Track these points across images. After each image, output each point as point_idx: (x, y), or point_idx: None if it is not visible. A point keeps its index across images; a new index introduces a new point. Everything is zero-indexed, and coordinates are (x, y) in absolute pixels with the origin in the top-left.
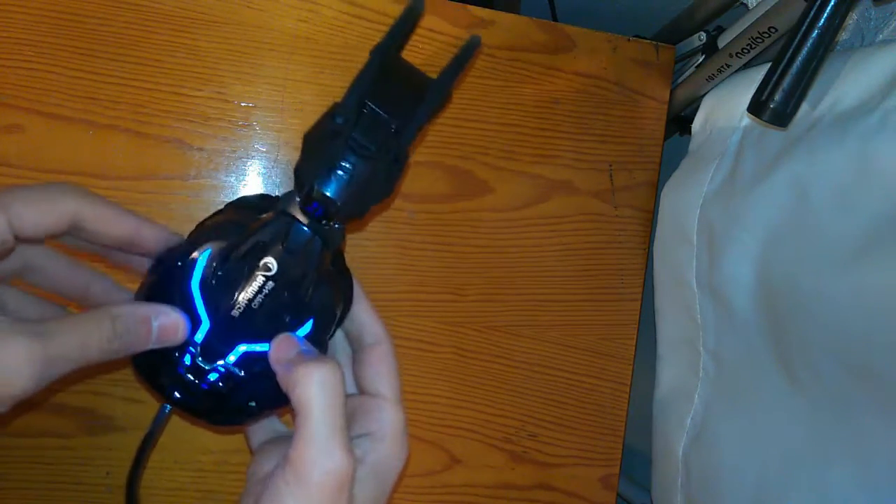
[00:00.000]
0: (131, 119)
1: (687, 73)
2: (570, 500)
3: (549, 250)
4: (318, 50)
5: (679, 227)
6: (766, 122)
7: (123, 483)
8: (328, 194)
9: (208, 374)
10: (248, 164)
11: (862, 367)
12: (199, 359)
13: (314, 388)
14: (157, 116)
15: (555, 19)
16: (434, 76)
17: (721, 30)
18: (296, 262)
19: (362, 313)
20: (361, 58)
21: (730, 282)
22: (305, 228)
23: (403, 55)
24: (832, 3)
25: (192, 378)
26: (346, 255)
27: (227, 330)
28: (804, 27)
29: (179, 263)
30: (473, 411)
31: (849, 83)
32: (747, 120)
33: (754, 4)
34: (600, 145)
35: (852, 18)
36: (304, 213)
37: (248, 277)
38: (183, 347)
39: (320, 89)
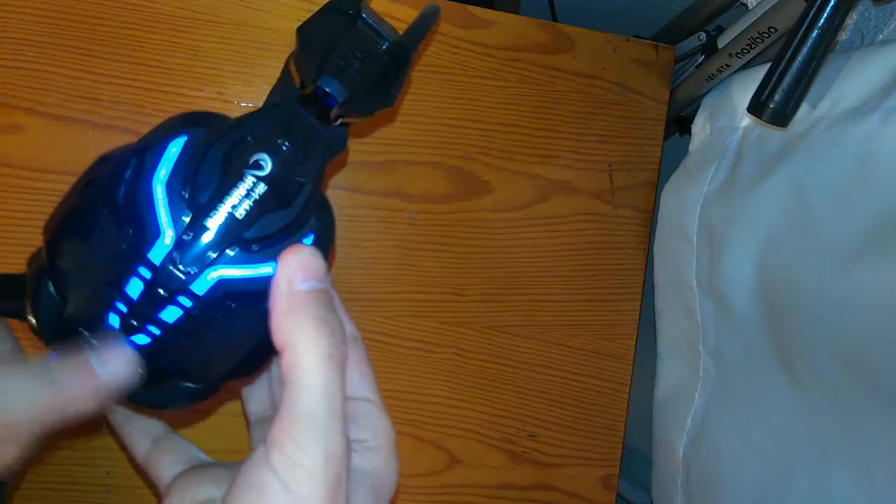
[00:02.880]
0: (131, 119)
1: (687, 73)
2: (570, 500)
3: (549, 250)
4: None
5: (679, 227)
6: (766, 122)
7: (123, 483)
8: (337, 84)
9: (164, 310)
10: None
11: (862, 366)
12: (154, 287)
13: (318, 356)
14: (157, 116)
15: (555, 19)
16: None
17: (721, 30)
18: (295, 161)
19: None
20: None
21: (730, 282)
22: (310, 122)
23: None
24: (832, 3)
25: (135, 321)
26: (346, 256)
27: (198, 247)
28: (804, 27)
29: (138, 156)
30: (473, 411)
31: (849, 83)
32: (747, 120)
33: (754, 4)
34: (600, 145)
35: (852, 18)
36: (304, 107)
37: (232, 177)
38: (129, 270)
39: None
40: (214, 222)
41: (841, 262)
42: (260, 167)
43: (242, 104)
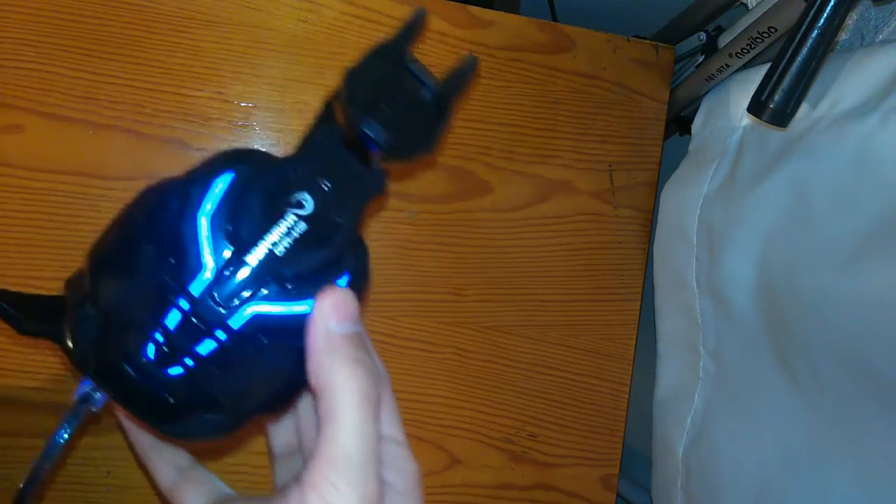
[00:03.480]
0: (131, 119)
1: (687, 73)
2: (570, 500)
3: (549, 250)
4: (318, 50)
5: (679, 227)
6: (766, 122)
7: (123, 483)
8: (380, 129)
9: (200, 344)
10: None
11: (861, 366)
12: (192, 319)
13: (356, 398)
14: (157, 117)
15: (555, 19)
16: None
17: (721, 30)
18: (337, 203)
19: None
20: None
21: (730, 282)
22: (351, 165)
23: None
24: (832, 3)
25: (172, 352)
26: None
27: (237, 282)
28: (804, 27)
29: (186, 189)
30: (473, 411)
31: (849, 83)
32: (747, 120)
33: (754, 4)
34: (600, 145)
35: (852, 18)
36: (347, 150)
37: (274, 214)
38: (169, 301)
39: (320, 89)
40: (254, 258)
41: (841, 261)
42: (302, 206)
43: (242, 104)
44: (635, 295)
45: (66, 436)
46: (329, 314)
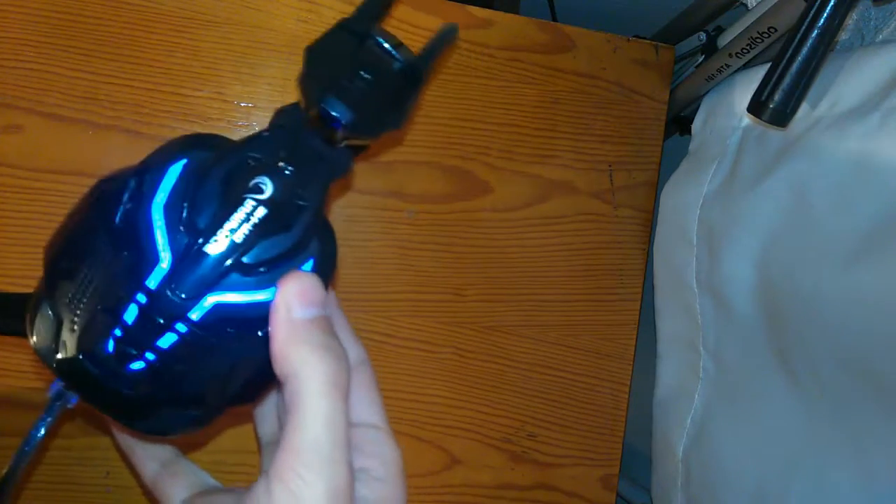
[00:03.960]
0: (131, 119)
1: (687, 73)
2: (570, 500)
3: (549, 250)
4: None
5: (679, 227)
6: (766, 122)
7: (123, 483)
8: (343, 106)
9: (161, 337)
10: None
11: (861, 366)
12: (150, 313)
13: (321, 384)
14: (156, 117)
15: (554, 19)
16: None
17: (721, 30)
18: (297, 184)
19: (341, 330)
20: None
21: (730, 282)
22: (314, 144)
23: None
24: (832, 3)
25: (132, 347)
26: (344, 256)
27: (195, 272)
28: (804, 27)
29: (138, 179)
30: (473, 411)
31: (849, 83)
32: (747, 120)
33: (754, 4)
34: (600, 145)
35: (852, 18)
36: (309, 129)
37: (232, 200)
38: (126, 296)
39: None
40: (213, 247)
41: (841, 261)
42: (260, 190)
43: (242, 104)
44: (635, 295)
45: (42, 432)
46: (291, 300)
